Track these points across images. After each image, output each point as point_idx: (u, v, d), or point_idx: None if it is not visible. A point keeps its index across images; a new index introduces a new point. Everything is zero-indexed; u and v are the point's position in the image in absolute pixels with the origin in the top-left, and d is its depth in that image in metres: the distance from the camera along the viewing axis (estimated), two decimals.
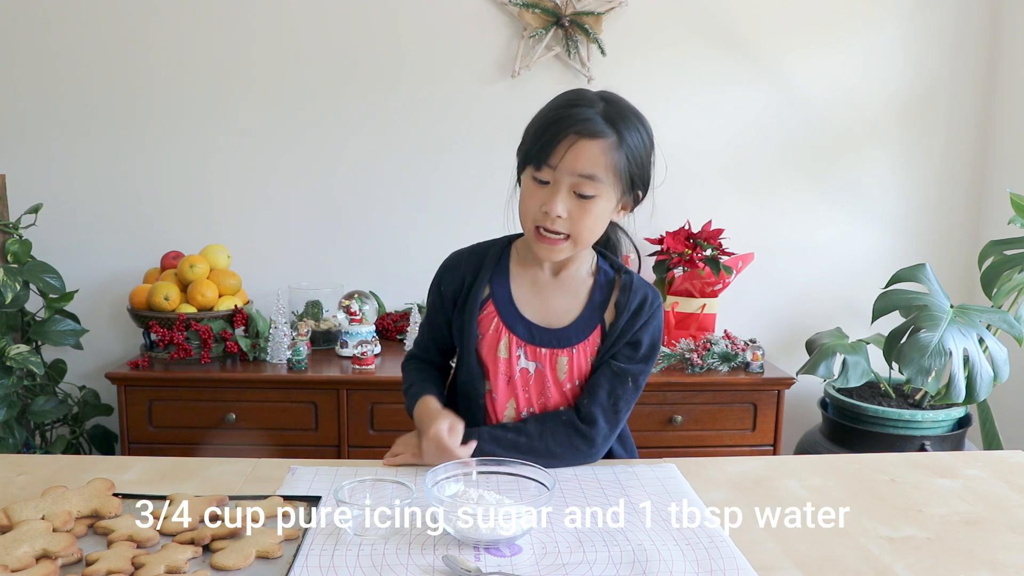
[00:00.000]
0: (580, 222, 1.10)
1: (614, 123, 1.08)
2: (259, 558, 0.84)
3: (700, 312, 2.31)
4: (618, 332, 1.17)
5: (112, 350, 2.43)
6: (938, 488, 1.09)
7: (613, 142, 1.08)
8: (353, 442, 2.09)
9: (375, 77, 2.37)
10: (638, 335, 1.18)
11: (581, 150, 1.07)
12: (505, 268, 1.23)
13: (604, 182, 1.08)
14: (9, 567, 0.78)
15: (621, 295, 1.19)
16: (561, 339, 1.18)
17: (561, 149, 1.07)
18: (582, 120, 1.07)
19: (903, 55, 2.46)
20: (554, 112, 1.10)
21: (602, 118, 1.08)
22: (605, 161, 1.07)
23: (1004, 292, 2.09)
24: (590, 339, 1.18)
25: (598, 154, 1.07)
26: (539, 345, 1.18)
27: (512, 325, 1.19)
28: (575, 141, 1.07)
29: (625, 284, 1.20)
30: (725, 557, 0.87)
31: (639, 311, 1.18)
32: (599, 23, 2.35)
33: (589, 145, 1.07)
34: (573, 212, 1.09)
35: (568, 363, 1.18)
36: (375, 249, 2.46)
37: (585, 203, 1.09)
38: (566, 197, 1.09)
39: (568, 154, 1.07)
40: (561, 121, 1.08)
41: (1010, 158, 2.44)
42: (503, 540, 0.88)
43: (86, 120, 2.33)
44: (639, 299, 1.18)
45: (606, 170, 1.08)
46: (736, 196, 2.49)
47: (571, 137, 1.07)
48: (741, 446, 2.16)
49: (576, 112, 1.07)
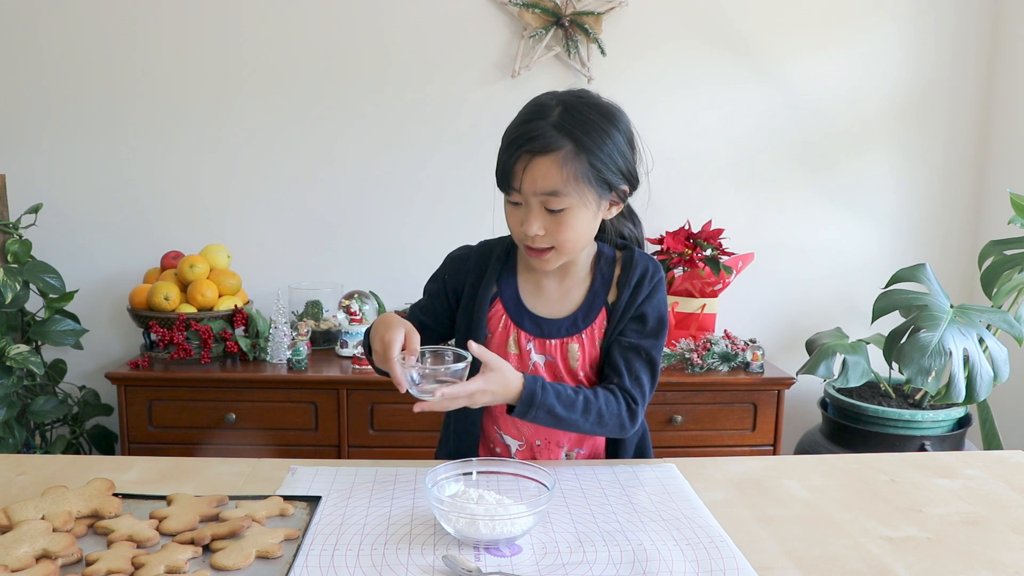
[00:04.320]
0: (558, 235, 1.10)
1: (568, 131, 1.06)
2: (259, 558, 0.84)
3: (700, 312, 2.31)
4: (621, 308, 1.17)
5: (112, 350, 2.43)
6: (938, 488, 1.09)
7: (568, 151, 1.05)
8: (353, 442, 2.09)
9: (375, 77, 2.37)
10: (642, 308, 1.18)
11: (536, 169, 1.06)
12: (512, 265, 1.24)
13: (570, 193, 1.07)
14: (9, 567, 0.78)
15: (622, 272, 1.20)
16: (569, 327, 1.19)
17: (519, 171, 1.07)
18: (532, 138, 1.06)
19: (903, 55, 2.46)
20: (511, 132, 1.10)
21: (555, 129, 1.06)
22: (563, 174, 1.06)
23: (1004, 292, 2.09)
24: (597, 321, 1.19)
25: (554, 169, 1.06)
26: (548, 337, 1.19)
27: (520, 321, 1.19)
28: (529, 161, 1.06)
29: (625, 261, 1.21)
30: (725, 557, 0.87)
31: (640, 284, 1.18)
32: (599, 23, 2.35)
33: (542, 162, 1.06)
34: (549, 227, 1.09)
35: (579, 349, 1.18)
36: (375, 249, 2.46)
37: (558, 217, 1.09)
38: (539, 215, 1.09)
39: (526, 176, 1.07)
40: (515, 142, 1.07)
41: (1010, 158, 2.43)
42: (503, 540, 0.88)
43: (86, 120, 2.33)
44: (639, 272, 1.19)
45: (566, 182, 1.06)
46: (736, 196, 2.49)
47: (524, 157, 1.06)
48: (741, 446, 2.16)
49: (529, 129, 1.07)
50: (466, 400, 1.02)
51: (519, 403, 1.07)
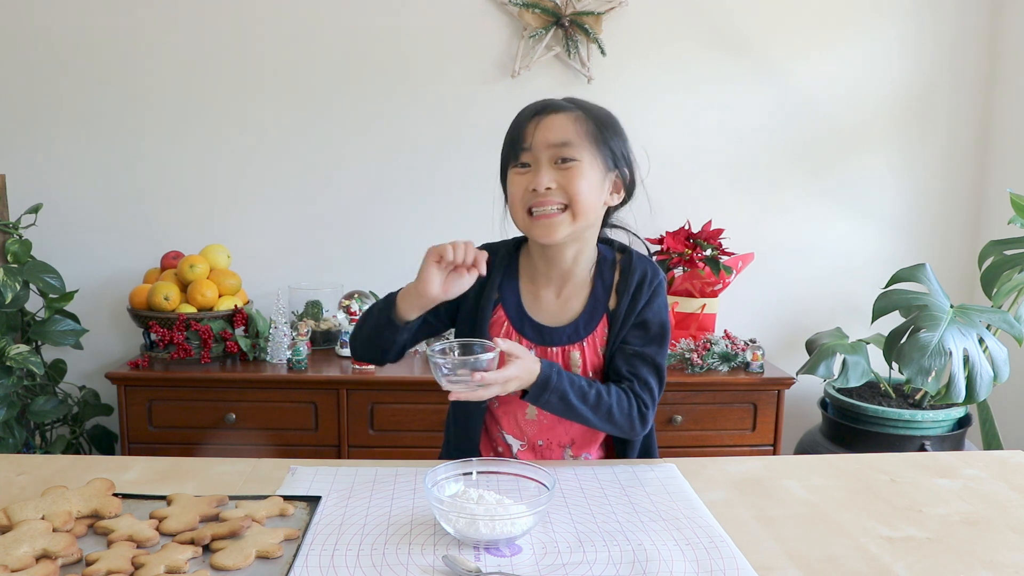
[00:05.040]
0: (571, 187, 1.11)
1: (575, 103, 1.15)
2: (259, 558, 0.84)
3: (700, 312, 2.31)
4: (622, 315, 1.17)
5: (112, 350, 2.43)
6: (938, 488, 1.09)
7: (579, 115, 1.13)
8: (353, 442, 2.09)
9: (375, 77, 2.37)
10: (643, 315, 1.18)
11: (549, 123, 1.12)
12: (514, 271, 1.23)
13: (581, 146, 1.11)
14: (9, 567, 0.78)
15: (621, 278, 1.20)
16: (571, 335, 1.19)
17: (530, 130, 1.12)
18: (542, 104, 1.15)
19: (903, 55, 2.46)
20: (518, 116, 1.16)
21: (564, 101, 1.15)
22: (576, 128, 1.12)
23: (1004, 292, 2.09)
24: (598, 329, 1.19)
25: (567, 122, 1.12)
26: (549, 345, 1.19)
27: (521, 328, 1.20)
28: (541, 119, 1.12)
29: (624, 266, 1.21)
30: (725, 557, 0.87)
31: (639, 290, 1.18)
32: (599, 23, 2.35)
33: (555, 117, 1.12)
34: (560, 180, 1.11)
35: (581, 357, 1.18)
36: (375, 249, 2.45)
37: (569, 169, 1.11)
38: (549, 169, 1.11)
39: (538, 131, 1.12)
40: (524, 112, 1.15)
41: (1010, 158, 2.44)
42: (503, 540, 0.88)
43: (86, 120, 2.33)
44: (637, 278, 1.19)
45: (578, 136, 1.11)
46: (736, 196, 2.49)
47: (535, 118, 1.13)
48: (741, 446, 2.16)
49: (539, 103, 1.15)
50: (499, 388, 1.05)
51: (533, 386, 1.08)
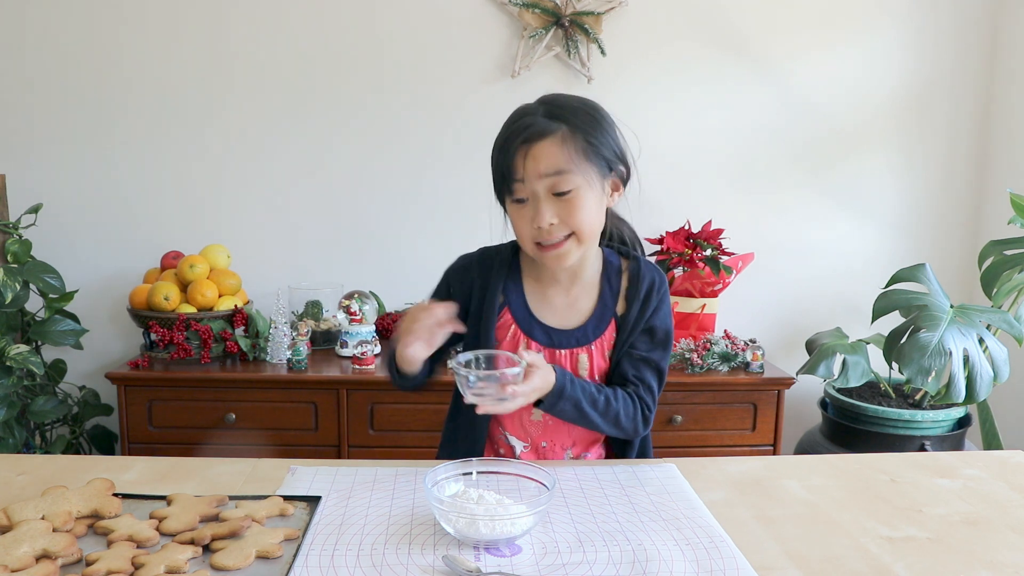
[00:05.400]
0: (573, 218, 1.10)
1: (557, 116, 1.09)
2: (259, 558, 0.84)
3: (700, 312, 2.31)
4: (632, 322, 1.19)
5: (112, 350, 2.43)
6: (938, 488, 1.09)
7: (564, 132, 1.08)
8: (353, 442, 2.09)
9: (375, 77, 2.37)
10: (651, 322, 1.20)
11: (537, 153, 1.08)
12: (517, 273, 1.23)
13: (575, 171, 1.09)
14: (9, 567, 0.78)
15: (630, 285, 1.21)
16: (579, 338, 1.19)
17: (519, 163, 1.09)
18: (526, 128, 1.09)
19: (903, 55, 2.46)
20: (502, 136, 1.12)
21: (544, 117, 1.09)
22: (565, 152, 1.08)
23: (1004, 292, 2.09)
24: (606, 334, 1.20)
25: (555, 149, 1.08)
26: (558, 347, 1.19)
27: (529, 331, 1.20)
28: (528, 149, 1.08)
29: (632, 272, 1.22)
30: (725, 557, 0.87)
31: (648, 297, 1.20)
32: (599, 23, 2.35)
33: (542, 145, 1.08)
34: (561, 213, 1.10)
35: (588, 360, 1.19)
36: (375, 249, 2.45)
37: (568, 199, 1.09)
38: (548, 203, 1.09)
39: (528, 163, 1.08)
40: (509, 139, 1.10)
41: (1010, 158, 2.43)
42: (503, 540, 0.88)
43: (86, 120, 2.33)
44: (647, 286, 1.20)
45: (570, 160, 1.08)
46: (736, 196, 2.49)
47: (522, 148, 1.08)
48: (741, 446, 2.16)
49: (519, 125, 1.10)
50: (524, 400, 1.05)
51: (548, 395, 1.09)
